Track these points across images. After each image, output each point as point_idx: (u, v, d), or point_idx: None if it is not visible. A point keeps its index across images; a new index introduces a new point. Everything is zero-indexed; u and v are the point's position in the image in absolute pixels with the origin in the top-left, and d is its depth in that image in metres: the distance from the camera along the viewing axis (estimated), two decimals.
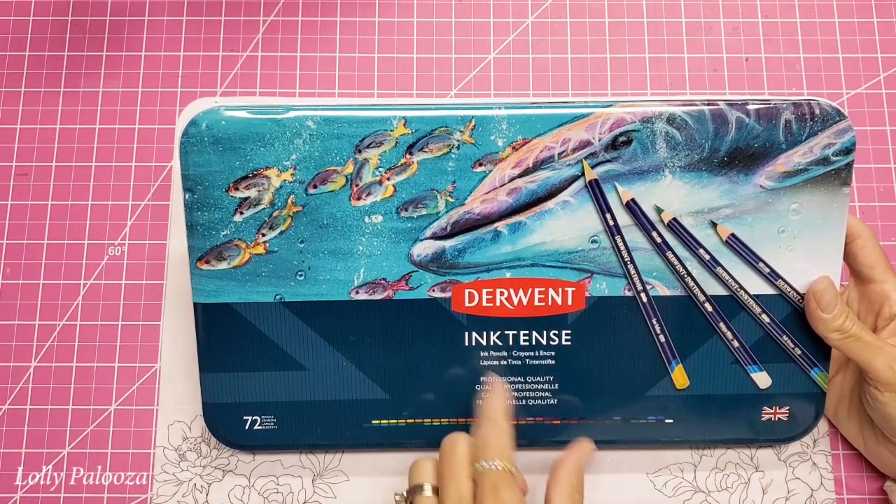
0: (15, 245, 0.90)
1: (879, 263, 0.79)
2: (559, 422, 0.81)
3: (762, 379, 0.80)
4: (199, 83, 0.93)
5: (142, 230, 0.90)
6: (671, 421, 0.81)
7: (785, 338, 0.79)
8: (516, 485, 0.69)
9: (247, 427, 0.81)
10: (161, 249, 0.89)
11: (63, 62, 0.94)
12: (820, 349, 0.79)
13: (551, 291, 0.79)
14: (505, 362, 0.80)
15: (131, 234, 0.90)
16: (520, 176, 0.77)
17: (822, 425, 0.85)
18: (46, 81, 0.93)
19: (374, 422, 0.81)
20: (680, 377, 0.80)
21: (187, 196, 0.77)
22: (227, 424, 0.81)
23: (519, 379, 0.80)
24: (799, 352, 0.79)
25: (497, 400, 0.74)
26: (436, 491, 0.71)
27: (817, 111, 0.76)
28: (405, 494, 0.73)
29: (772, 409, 0.81)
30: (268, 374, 0.80)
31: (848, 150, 0.76)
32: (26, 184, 0.91)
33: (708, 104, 0.76)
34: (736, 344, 0.79)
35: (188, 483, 0.85)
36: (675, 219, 0.77)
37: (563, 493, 0.72)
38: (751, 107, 0.76)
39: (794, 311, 0.79)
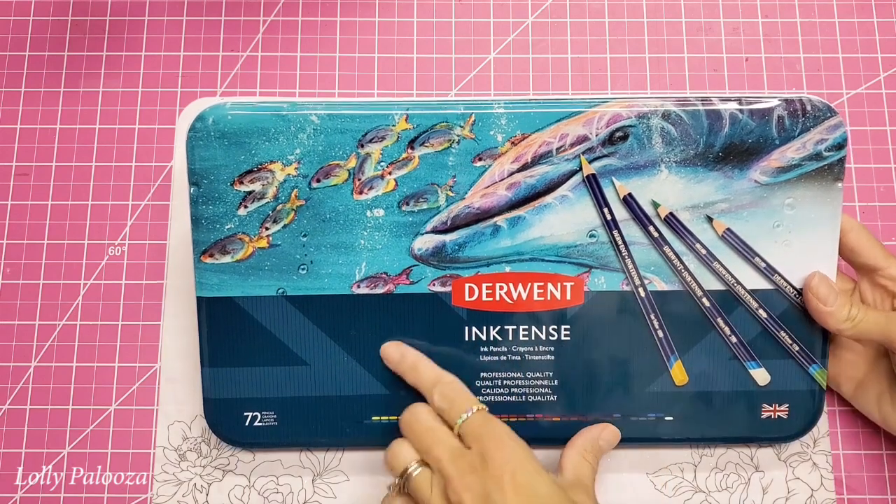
0: (15, 245, 0.92)
1: (878, 250, 0.82)
2: (559, 419, 0.84)
3: (761, 375, 0.83)
4: (199, 83, 0.96)
5: (142, 230, 0.92)
6: (671, 418, 0.84)
7: (783, 333, 0.82)
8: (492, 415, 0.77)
9: (247, 423, 0.84)
10: (161, 249, 0.92)
11: (63, 62, 0.97)
12: (818, 345, 0.82)
13: (550, 286, 0.81)
14: (504, 357, 0.83)
15: (131, 234, 0.92)
16: (519, 170, 0.80)
17: (823, 425, 0.88)
18: (46, 81, 0.96)
19: (374, 418, 0.84)
20: (679, 373, 0.83)
21: (193, 190, 0.80)
22: (227, 420, 0.84)
23: (518, 375, 0.83)
24: (797, 348, 0.82)
25: (427, 366, 0.81)
26: (424, 464, 0.76)
27: (808, 107, 0.79)
28: (397, 481, 0.77)
29: (771, 406, 0.83)
30: (269, 369, 0.83)
31: (840, 146, 0.79)
32: (26, 184, 0.93)
33: (702, 101, 0.80)
34: (734, 340, 0.82)
35: (188, 483, 0.88)
36: (671, 213, 0.80)
37: (575, 453, 0.80)
38: (744, 103, 0.80)
39: (791, 307, 0.82)
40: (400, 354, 0.82)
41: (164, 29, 0.98)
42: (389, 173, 0.81)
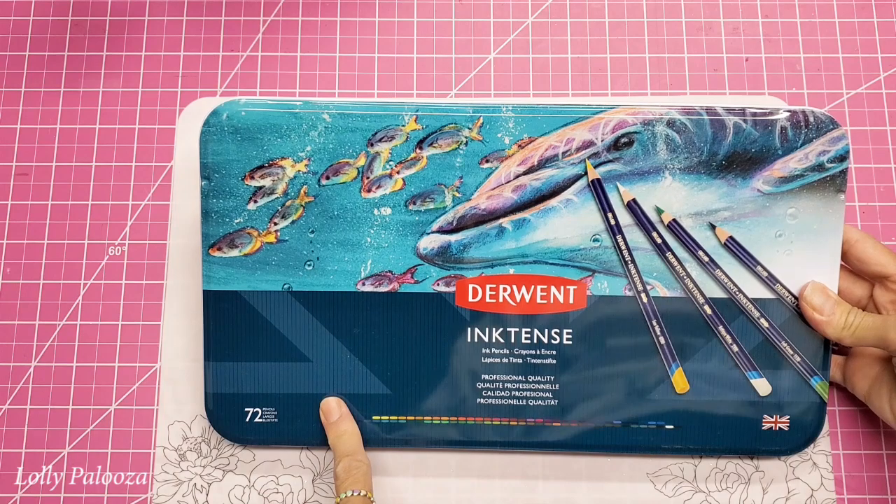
0: (15, 245, 0.94)
1: (886, 257, 0.83)
2: (559, 424, 0.86)
3: (762, 385, 0.85)
4: (199, 83, 0.98)
5: (142, 230, 0.94)
6: (671, 427, 0.86)
7: (784, 344, 0.84)
8: None
9: (247, 419, 0.86)
10: (161, 249, 0.94)
11: (63, 62, 0.99)
12: (819, 357, 0.84)
13: (553, 289, 0.84)
14: (506, 360, 0.85)
15: (131, 234, 0.94)
16: (525, 173, 0.83)
17: (823, 427, 0.88)
18: (46, 81, 0.98)
19: (374, 417, 0.86)
20: (680, 381, 0.85)
21: (204, 184, 0.83)
22: (228, 416, 0.86)
23: (520, 378, 0.85)
24: (798, 359, 0.84)
25: (352, 438, 0.85)
26: None
27: (811, 119, 0.82)
28: None
29: (772, 417, 0.85)
30: (272, 364, 0.85)
31: (842, 158, 0.82)
32: (26, 184, 0.95)
33: (706, 110, 0.82)
34: (735, 348, 0.84)
35: (188, 483, 0.90)
36: (674, 220, 0.83)
37: None
38: (748, 113, 0.82)
39: (792, 317, 0.84)
40: (338, 415, 0.86)
41: (164, 29, 1.00)
42: (397, 172, 0.83)
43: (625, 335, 0.85)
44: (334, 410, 0.86)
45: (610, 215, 0.83)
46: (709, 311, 0.84)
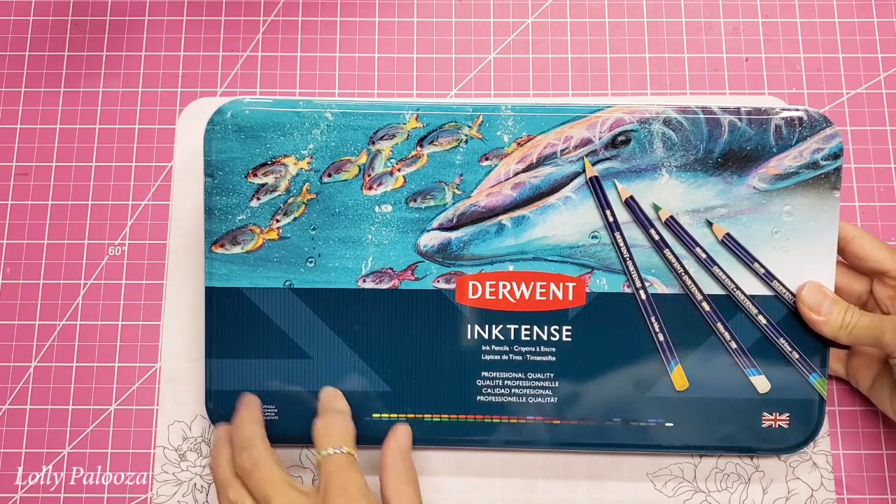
0: (15, 245, 0.95)
1: (884, 254, 0.84)
2: (559, 422, 0.87)
3: (761, 383, 0.85)
4: (199, 83, 0.99)
5: (142, 230, 0.96)
6: (671, 424, 0.86)
7: (782, 340, 0.85)
8: (358, 466, 0.79)
9: None
10: (161, 249, 0.95)
11: (63, 62, 1.00)
12: (818, 354, 0.85)
13: (552, 286, 0.85)
14: (506, 357, 0.86)
15: (131, 234, 0.95)
16: (524, 171, 0.84)
17: (823, 425, 0.88)
18: (46, 81, 0.99)
19: (374, 415, 0.87)
20: (679, 378, 0.86)
21: (207, 181, 0.84)
22: (228, 413, 0.85)
23: (519, 375, 0.86)
24: (797, 355, 0.85)
25: (334, 394, 0.85)
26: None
27: (805, 117, 0.83)
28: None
29: (772, 415, 0.86)
30: (272, 361, 0.86)
31: (836, 156, 0.83)
32: (26, 184, 0.97)
33: (702, 108, 0.84)
34: (734, 345, 0.85)
35: (188, 483, 0.90)
36: (672, 217, 0.84)
37: (395, 486, 0.80)
38: (743, 111, 0.84)
39: (790, 314, 0.85)
40: (333, 396, 0.86)
41: (164, 29, 1.01)
42: (398, 170, 0.85)
43: (624, 332, 0.86)
44: (331, 394, 0.86)
45: (608, 212, 0.85)
46: (707, 307, 0.85)
